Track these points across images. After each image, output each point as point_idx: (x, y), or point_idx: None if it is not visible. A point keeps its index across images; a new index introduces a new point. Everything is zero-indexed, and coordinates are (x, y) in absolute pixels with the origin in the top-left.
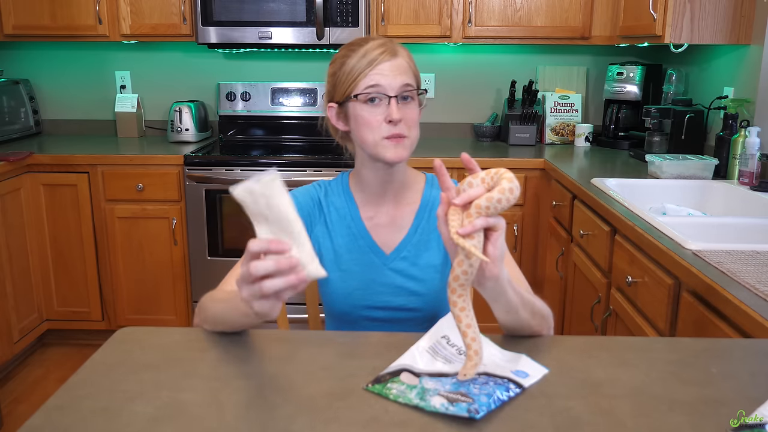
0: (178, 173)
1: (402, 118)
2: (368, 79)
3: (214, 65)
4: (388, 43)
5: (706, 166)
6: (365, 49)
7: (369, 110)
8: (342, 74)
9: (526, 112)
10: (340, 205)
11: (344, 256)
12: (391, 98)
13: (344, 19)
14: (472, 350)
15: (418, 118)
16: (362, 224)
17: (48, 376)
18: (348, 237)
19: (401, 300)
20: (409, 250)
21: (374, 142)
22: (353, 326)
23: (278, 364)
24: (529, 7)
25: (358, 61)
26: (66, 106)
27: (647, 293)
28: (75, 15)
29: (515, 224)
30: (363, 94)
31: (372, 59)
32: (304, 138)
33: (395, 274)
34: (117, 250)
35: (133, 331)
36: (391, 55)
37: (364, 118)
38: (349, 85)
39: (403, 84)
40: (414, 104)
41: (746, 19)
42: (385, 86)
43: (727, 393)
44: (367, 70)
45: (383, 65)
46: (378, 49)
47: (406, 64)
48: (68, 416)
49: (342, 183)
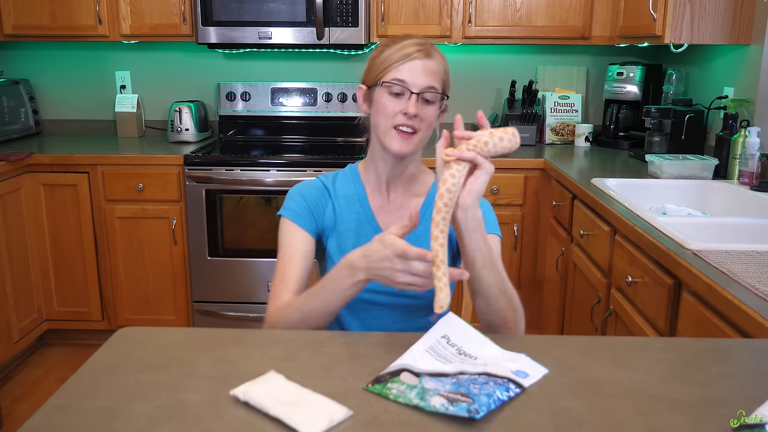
0: (178, 173)
1: (418, 114)
2: (397, 71)
3: (214, 65)
4: (426, 44)
5: (706, 166)
6: (404, 44)
7: (390, 100)
8: (377, 61)
9: (526, 112)
10: (349, 191)
11: (350, 240)
12: (412, 94)
13: (344, 19)
14: (442, 283)
15: (435, 122)
16: (370, 209)
17: (48, 376)
18: (356, 222)
19: None
20: (411, 239)
21: (385, 129)
22: (354, 311)
23: (278, 364)
24: (529, 7)
25: (394, 53)
26: (66, 106)
27: (647, 293)
28: (75, 15)
29: (515, 224)
30: (389, 84)
31: (406, 54)
32: (304, 138)
33: None
34: (117, 250)
35: (133, 331)
36: (425, 55)
37: (384, 105)
38: (379, 72)
39: (428, 85)
40: (434, 107)
41: (746, 19)
42: (410, 82)
43: (727, 393)
44: (399, 63)
45: (415, 62)
46: (415, 46)
47: (437, 68)
48: (68, 416)
49: (351, 172)
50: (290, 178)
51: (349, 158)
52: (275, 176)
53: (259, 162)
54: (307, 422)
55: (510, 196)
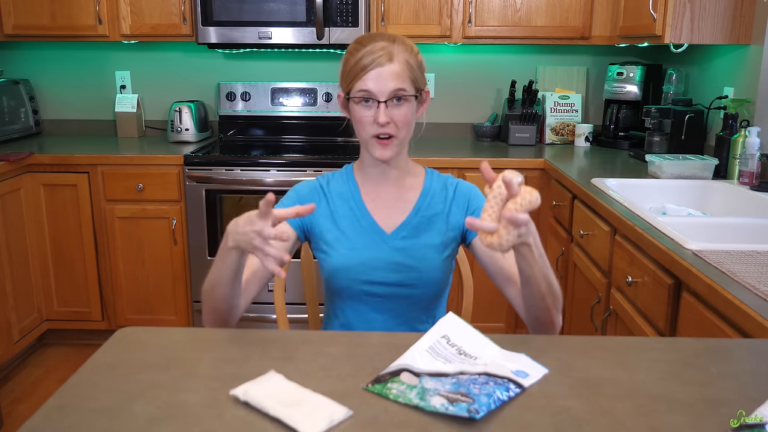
0: (178, 173)
1: (390, 120)
2: (361, 83)
3: (214, 65)
4: (388, 47)
5: (706, 166)
6: (366, 51)
7: (361, 110)
8: (345, 70)
9: (526, 112)
10: (343, 189)
11: (347, 234)
12: (380, 103)
13: (344, 19)
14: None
15: (413, 117)
16: (363, 204)
17: (48, 376)
18: (350, 217)
19: (400, 276)
20: (409, 230)
21: (365, 139)
22: (352, 301)
23: (278, 364)
24: (529, 7)
25: (356, 63)
26: (66, 106)
27: (647, 293)
28: (75, 15)
29: None
30: (356, 98)
31: (365, 65)
32: (304, 138)
33: (395, 252)
34: (117, 250)
35: (133, 331)
36: (387, 59)
37: (358, 117)
38: (348, 83)
39: (394, 89)
40: (407, 105)
41: (746, 19)
42: (375, 92)
43: (727, 393)
44: (361, 74)
45: (375, 71)
46: (376, 53)
47: (402, 68)
48: (68, 416)
49: (346, 171)
50: (290, 178)
51: (349, 158)
52: (275, 176)
53: (259, 162)
54: (307, 422)
55: None
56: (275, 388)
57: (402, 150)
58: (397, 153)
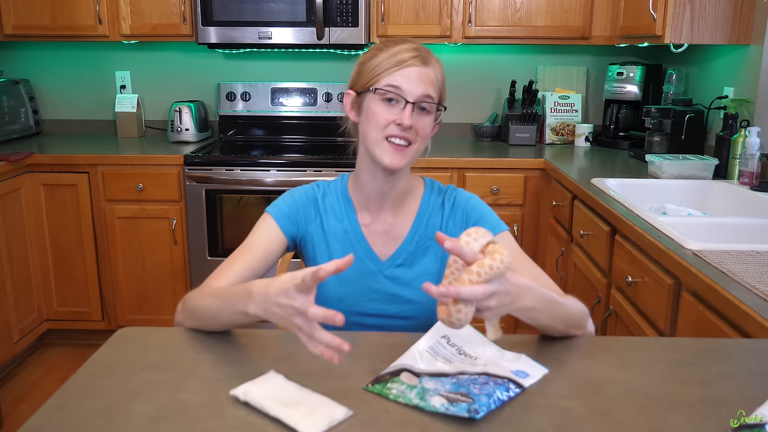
0: (178, 173)
1: (413, 126)
2: (392, 78)
3: (214, 65)
4: (422, 50)
5: (706, 166)
6: (399, 49)
7: (383, 108)
8: (369, 66)
9: (526, 112)
10: (338, 209)
11: (341, 255)
12: (407, 103)
13: (344, 19)
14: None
15: (430, 133)
16: (360, 230)
17: (48, 376)
18: (344, 241)
19: (394, 308)
20: (404, 258)
21: (376, 140)
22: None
23: (278, 364)
24: (529, 7)
25: (388, 58)
26: (66, 106)
27: (647, 293)
28: (75, 15)
29: (515, 224)
30: (382, 91)
31: (401, 60)
32: (304, 138)
33: (390, 282)
34: (117, 250)
35: (133, 331)
36: (422, 62)
37: (375, 114)
38: (372, 77)
39: (425, 94)
40: (429, 118)
41: (746, 19)
42: (405, 90)
43: (727, 393)
44: (394, 69)
45: (411, 69)
46: (411, 52)
47: (434, 76)
48: (68, 416)
49: (341, 186)
50: (290, 178)
51: (348, 158)
52: (275, 176)
53: (259, 162)
54: (307, 422)
55: (510, 196)
56: (275, 388)
57: (409, 165)
58: (406, 164)
